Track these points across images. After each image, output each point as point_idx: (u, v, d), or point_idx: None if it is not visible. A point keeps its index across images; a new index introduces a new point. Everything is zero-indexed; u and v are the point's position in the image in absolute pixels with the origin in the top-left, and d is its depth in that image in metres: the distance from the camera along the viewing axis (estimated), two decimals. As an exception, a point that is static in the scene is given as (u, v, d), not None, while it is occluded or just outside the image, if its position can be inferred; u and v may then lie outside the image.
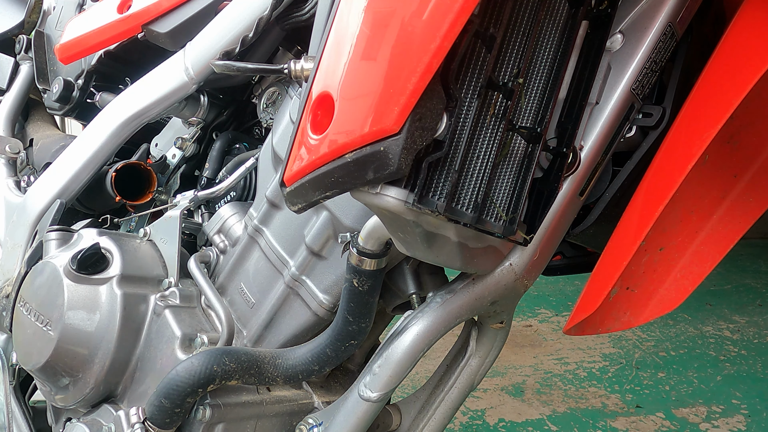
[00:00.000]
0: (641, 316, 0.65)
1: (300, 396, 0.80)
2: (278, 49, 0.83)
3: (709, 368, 2.45)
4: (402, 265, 0.74)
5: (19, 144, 1.14)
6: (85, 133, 0.87)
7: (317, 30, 0.69)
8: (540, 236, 0.61)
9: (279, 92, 0.83)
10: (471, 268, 0.62)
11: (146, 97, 0.82)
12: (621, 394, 2.24)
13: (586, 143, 0.59)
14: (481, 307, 0.66)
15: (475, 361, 0.80)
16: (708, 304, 3.17)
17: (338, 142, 0.46)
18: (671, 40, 0.59)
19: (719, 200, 0.63)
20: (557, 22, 0.53)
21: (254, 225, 0.78)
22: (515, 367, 2.44)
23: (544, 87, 0.53)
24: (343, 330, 0.68)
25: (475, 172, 0.49)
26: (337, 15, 0.50)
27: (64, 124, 2.53)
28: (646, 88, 0.60)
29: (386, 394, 0.68)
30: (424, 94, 0.43)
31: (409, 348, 0.66)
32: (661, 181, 0.58)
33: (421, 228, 0.51)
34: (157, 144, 0.98)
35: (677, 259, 0.64)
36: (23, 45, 1.26)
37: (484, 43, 0.46)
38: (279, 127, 0.76)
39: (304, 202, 0.52)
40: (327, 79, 0.49)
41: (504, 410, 2.12)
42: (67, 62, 0.97)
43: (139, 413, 0.69)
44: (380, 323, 0.90)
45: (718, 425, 2.04)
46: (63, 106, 1.03)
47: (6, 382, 1.01)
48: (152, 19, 0.85)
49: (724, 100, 0.52)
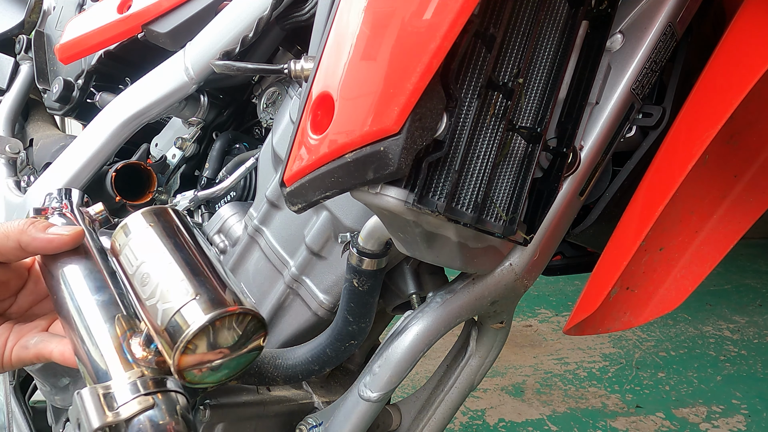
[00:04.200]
0: (641, 316, 0.65)
1: (300, 396, 0.80)
2: (278, 49, 0.83)
3: (709, 368, 2.45)
4: (402, 265, 0.74)
5: (19, 144, 1.14)
6: (85, 133, 0.87)
7: (317, 30, 0.69)
8: (540, 236, 0.61)
9: (279, 92, 0.83)
10: (471, 268, 0.62)
11: (146, 97, 0.82)
12: (621, 394, 2.24)
13: (586, 143, 0.59)
14: (481, 307, 0.66)
15: (475, 361, 0.80)
16: (708, 304, 3.17)
17: (338, 142, 0.46)
18: (671, 40, 0.59)
19: (719, 200, 0.63)
20: (557, 22, 0.53)
21: (254, 225, 0.78)
22: (515, 367, 2.44)
23: (544, 87, 0.53)
24: (343, 330, 0.68)
25: (475, 172, 0.49)
26: (337, 15, 0.50)
27: (64, 124, 2.53)
28: (646, 88, 0.60)
29: (386, 394, 0.68)
30: (424, 94, 0.43)
31: (409, 348, 0.66)
32: (661, 181, 0.58)
33: (421, 228, 0.51)
34: (157, 144, 0.98)
35: (677, 259, 0.64)
36: (23, 45, 1.26)
37: (484, 43, 0.46)
38: (279, 127, 0.76)
39: (304, 202, 0.52)
40: (327, 79, 0.49)
41: (504, 410, 2.12)
42: (67, 62, 0.97)
43: (139, 413, 0.69)
44: (380, 323, 0.90)
45: (718, 425, 2.04)
46: (63, 106, 1.03)
47: (6, 382, 1.01)
48: (152, 19, 0.85)
49: (724, 100, 0.52)
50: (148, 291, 0.47)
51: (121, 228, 0.51)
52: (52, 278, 0.55)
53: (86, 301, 0.52)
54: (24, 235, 0.55)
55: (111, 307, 0.51)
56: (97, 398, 0.44)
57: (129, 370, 0.47)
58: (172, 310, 0.45)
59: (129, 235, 0.50)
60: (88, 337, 0.50)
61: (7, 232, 0.55)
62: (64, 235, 0.56)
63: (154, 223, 0.51)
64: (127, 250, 0.50)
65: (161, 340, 0.46)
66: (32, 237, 0.55)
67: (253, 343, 0.48)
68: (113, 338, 0.49)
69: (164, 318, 0.45)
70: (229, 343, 0.46)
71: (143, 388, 0.46)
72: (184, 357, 0.44)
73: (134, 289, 0.49)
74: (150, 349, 0.48)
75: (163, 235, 0.50)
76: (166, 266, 0.48)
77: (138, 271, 0.48)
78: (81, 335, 0.50)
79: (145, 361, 0.48)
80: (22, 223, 0.56)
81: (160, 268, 0.48)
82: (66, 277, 0.54)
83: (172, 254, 0.49)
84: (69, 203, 0.64)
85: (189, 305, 0.46)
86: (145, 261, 0.48)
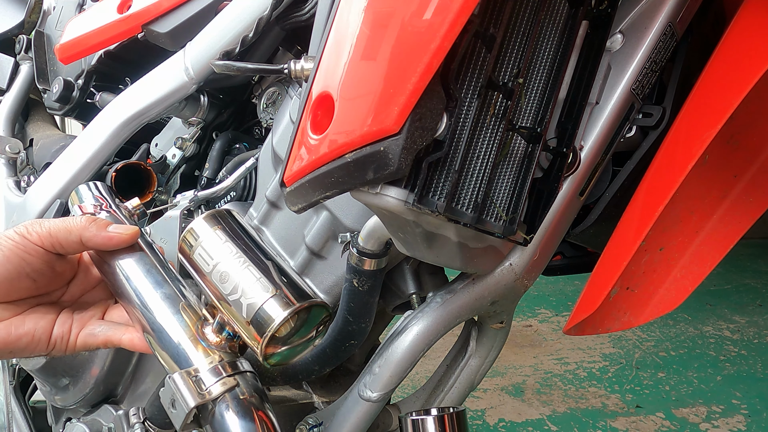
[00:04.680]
0: (641, 316, 0.65)
1: (300, 396, 0.80)
2: (278, 49, 0.83)
3: (709, 368, 2.45)
4: (402, 265, 0.74)
5: (19, 144, 1.14)
6: (85, 133, 0.87)
7: (317, 30, 0.69)
8: (540, 236, 0.61)
9: (279, 92, 0.82)
10: (471, 268, 0.62)
11: (146, 97, 0.82)
12: (621, 394, 2.24)
13: (586, 143, 0.59)
14: (481, 307, 0.66)
15: (475, 361, 0.80)
16: (708, 304, 3.17)
17: (338, 142, 0.46)
18: (671, 40, 0.59)
19: (719, 200, 0.63)
20: (557, 22, 0.53)
21: (254, 225, 0.78)
22: (515, 367, 2.44)
23: (544, 87, 0.53)
24: (343, 330, 0.69)
25: (475, 172, 0.49)
26: (337, 15, 0.50)
27: (64, 124, 2.53)
28: (646, 88, 0.60)
29: (386, 394, 0.68)
30: (424, 94, 0.43)
31: (409, 348, 0.66)
32: (661, 181, 0.58)
33: (421, 228, 0.51)
34: (157, 144, 0.98)
35: (677, 259, 0.64)
36: (23, 45, 1.26)
37: (484, 43, 0.46)
38: (279, 127, 0.76)
39: (304, 202, 0.52)
40: (327, 79, 0.49)
41: (504, 410, 2.12)
42: (67, 62, 0.97)
43: (139, 413, 0.69)
44: (380, 323, 0.90)
45: (718, 425, 2.04)
46: (63, 106, 1.03)
47: (6, 382, 1.01)
48: (152, 19, 0.85)
49: (724, 100, 0.52)
50: (229, 288, 0.55)
51: (189, 232, 0.59)
52: (112, 271, 0.62)
53: (151, 293, 0.59)
54: (86, 232, 0.61)
55: (174, 297, 0.59)
56: (188, 381, 0.53)
57: (207, 354, 0.56)
58: (255, 305, 0.54)
59: (198, 238, 0.58)
60: (162, 326, 0.57)
61: (69, 228, 0.60)
62: (123, 234, 0.63)
63: (218, 226, 0.59)
64: (200, 251, 0.58)
65: (246, 330, 0.55)
66: (93, 234, 0.61)
67: (322, 326, 0.59)
68: (186, 326, 0.57)
69: (249, 312, 0.54)
70: (304, 329, 0.56)
71: (224, 371, 0.55)
72: (270, 345, 0.54)
73: (211, 285, 0.57)
74: (222, 335, 0.58)
75: (229, 237, 0.58)
76: (241, 265, 0.56)
77: (215, 269, 0.56)
78: (155, 325, 0.58)
79: (219, 346, 0.57)
80: (84, 219, 0.62)
81: (236, 267, 0.56)
82: (127, 270, 0.61)
83: (243, 254, 0.57)
84: (105, 199, 0.68)
85: (270, 302, 0.55)
86: (221, 261, 0.56)
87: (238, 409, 0.53)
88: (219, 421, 0.53)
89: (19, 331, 0.59)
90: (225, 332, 0.58)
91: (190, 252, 0.59)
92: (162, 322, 0.58)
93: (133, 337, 0.61)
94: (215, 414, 0.53)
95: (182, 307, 0.59)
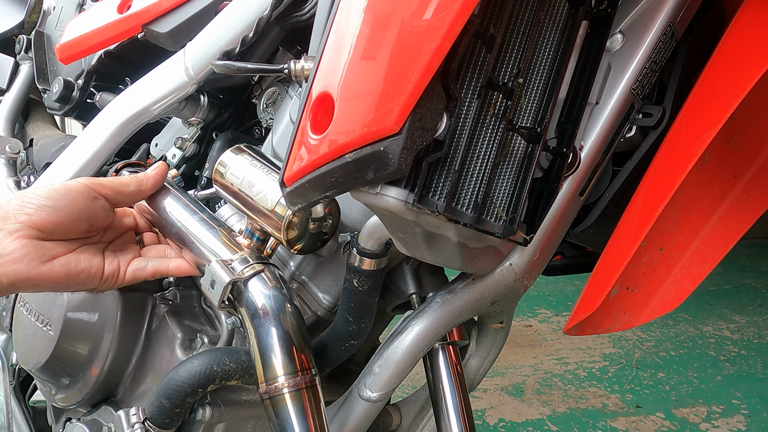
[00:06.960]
0: (641, 316, 0.65)
1: (300, 396, 0.80)
2: (278, 49, 0.83)
3: (709, 368, 2.46)
4: (402, 265, 0.74)
5: (19, 144, 1.14)
6: (85, 133, 0.87)
7: (317, 30, 0.69)
8: (540, 236, 0.61)
9: (279, 92, 0.82)
10: (471, 268, 0.62)
11: (146, 97, 0.82)
12: (621, 394, 2.24)
13: (586, 143, 0.59)
14: (481, 307, 0.66)
15: (475, 361, 0.80)
16: (708, 304, 3.17)
17: (338, 142, 0.46)
18: (671, 40, 0.59)
19: (719, 200, 0.63)
20: (557, 22, 0.53)
21: (254, 225, 0.78)
22: (515, 367, 2.44)
23: (544, 87, 0.53)
24: (343, 330, 0.69)
25: (475, 172, 0.49)
26: (337, 15, 0.50)
27: (64, 124, 2.53)
28: (646, 88, 0.60)
29: (386, 394, 0.68)
30: (424, 94, 0.43)
31: (409, 348, 0.66)
32: (661, 181, 0.58)
33: (421, 228, 0.51)
34: (157, 144, 0.98)
35: (677, 259, 0.64)
36: (23, 45, 1.26)
37: (484, 43, 0.46)
38: (279, 127, 0.76)
39: (304, 202, 0.52)
40: (327, 79, 0.49)
41: (504, 410, 2.12)
42: (67, 62, 0.97)
43: (139, 413, 0.69)
44: (380, 323, 0.90)
45: (718, 425, 2.04)
46: (63, 106, 1.03)
47: (6, 382, 1.01)
48: (152, 19, 0.85)
49: (724, 100, 0.52)
50: (256, 190, 0.67)
51: (219, 163, 0.71)
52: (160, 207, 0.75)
53: (190, 220, 0.72)
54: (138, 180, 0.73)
55: (210, 221, 0.72)
56: (224, 265, 0.64)
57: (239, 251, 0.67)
58: (277, 196, 0.65)
59: (227, 165, 0.70)
60: (203, 240, 0.70)
61: (125, 182, 0.72)
62: (160, 170, 0.75)
63: (242, 154, 0.71)
64: (231, 171, 0.70)
65: (270, 221, 0.66)
66: (145, 177, 0.73)
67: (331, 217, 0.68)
68: (222, 240, 0.69)
69: (272, 202, 0.65)
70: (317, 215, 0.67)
71: (252, 260, 0.65)
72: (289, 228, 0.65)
73: (241, 194, 0.69)
74: (252, 240, 0.70)
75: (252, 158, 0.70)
76: (265, 174, 0.68)
77: (244, 180, 0.68)
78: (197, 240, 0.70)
79: (249, 248, 0.69)
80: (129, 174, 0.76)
81: (260, 175, 0.68)
82: (170, 207, 0.74)
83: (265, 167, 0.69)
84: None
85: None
86: (246, 175, 0.69)
87: (265, 285, 0.64)
88: (251, 297, 0.63)
89: (78, 267, 0.66)
90: (255, 237, 0.69)
91: (223, 176, 0.70)
92: (203, 238, 0.70)
93: (179, 263, 0.71)
94: (247, 292, 0.63)
95: (217, 224, 0.71)
